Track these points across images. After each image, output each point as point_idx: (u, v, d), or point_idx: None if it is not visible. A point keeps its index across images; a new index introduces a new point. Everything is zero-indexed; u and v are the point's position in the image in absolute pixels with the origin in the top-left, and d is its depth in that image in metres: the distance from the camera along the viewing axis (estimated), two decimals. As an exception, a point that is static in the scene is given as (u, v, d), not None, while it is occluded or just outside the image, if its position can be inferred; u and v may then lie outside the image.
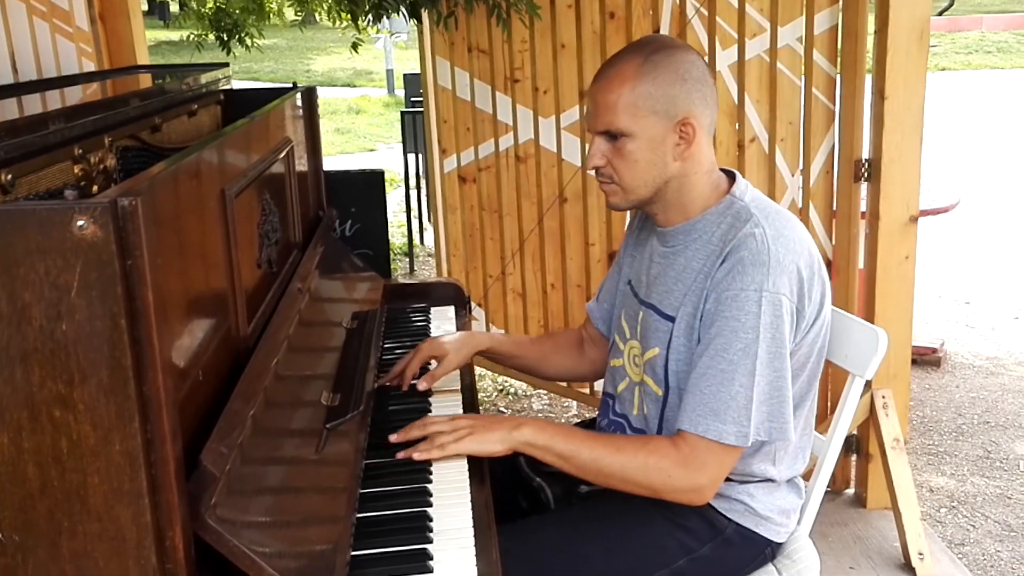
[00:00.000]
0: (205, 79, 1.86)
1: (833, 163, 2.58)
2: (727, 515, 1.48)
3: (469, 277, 3.61)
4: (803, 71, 2.60)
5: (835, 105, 2.56)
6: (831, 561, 2.42)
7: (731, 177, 1.52)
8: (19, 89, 1.66)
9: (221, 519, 0.93)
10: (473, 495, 1.34)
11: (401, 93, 12.92)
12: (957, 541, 2.69)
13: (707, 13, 2.73)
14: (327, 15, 4.88)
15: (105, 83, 1.85)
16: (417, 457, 1.41)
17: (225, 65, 2.06)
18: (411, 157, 5.94)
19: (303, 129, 2.01)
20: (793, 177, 2.67)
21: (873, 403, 2.49)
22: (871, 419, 2.52)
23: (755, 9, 2.63)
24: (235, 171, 1.31)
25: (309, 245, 1.82)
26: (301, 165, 1.93)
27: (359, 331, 1.75)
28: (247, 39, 5.09)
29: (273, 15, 5.33)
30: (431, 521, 1.26)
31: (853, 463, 2.75)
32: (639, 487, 1.41)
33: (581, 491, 1.57)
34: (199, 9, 5.14)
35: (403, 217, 6.15)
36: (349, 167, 3.11)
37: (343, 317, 1.78)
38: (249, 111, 1.60)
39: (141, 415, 0.83)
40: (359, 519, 1.26)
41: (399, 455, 1.43)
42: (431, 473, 1.40)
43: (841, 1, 2.49)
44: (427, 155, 3.84)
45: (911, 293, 2.50)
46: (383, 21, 3.59)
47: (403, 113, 6.08)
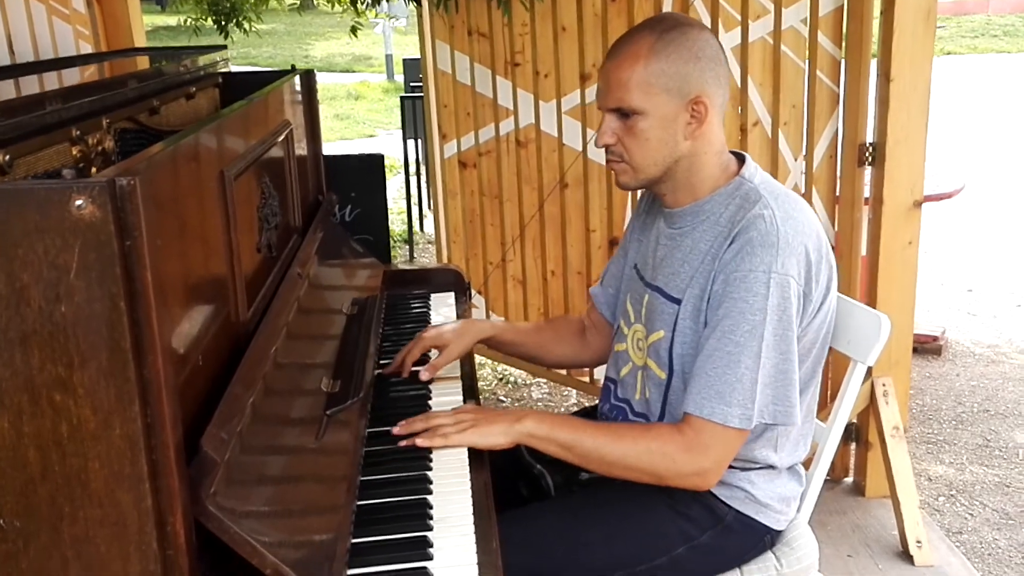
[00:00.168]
0: (203, 62, 1.84)
1: (837, 147, 2.56)
2: (727, 502, 1.48)
3: (469, 264, 3.60)
4: (807, 54, 2.57)
5: (839, 88, 2.53)
6: (829, 549, 2.42)
7: (740, 160, 1.51)
8: (16, 71, 1.64)
9: (222, 506, 0.92)
10: (473, 483, 1.33)
11: (400, 79, 12.87)
12: (955, 529, 2.69)
13: (710, -4, 2.71)
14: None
15: (103, 65, 1.83)
16: (420, 443, 1.41)
17: (223, 48, 2.04)
18: (411, 143, 5.91)
19: (302, 113, 1.99)
20: (796, 161, 2.65)
21: (873, 391, 2.48)
22: (871, 407, 2.51)
23: (758, -8, 2.61)
24: (234, 153, 1.30)
25: (308, 230, 1.81)
26: (300, 149, 1.92)
27: (359, 317, 1.74)
28: (245, 23, 5.06)
29: (271, 0, 5.29)
30: (431, 509, 1.26)
31: (852, 451, 2.74)
32: (643, 473, 1.41)
33: (582, 478, 1.56)
34: (196, -8, 5.09)
35: (403, 204, 6.13)
36: (336, 154, 3.09)
37: (343, 303, 1.77)
38: (247, 94, 1.58)
39: (141, 399, 0.82)
40: (359, 506, 1.25)
41: (402, 443, 1.42)
42: (431, 461, 1.39)
43: (846, -16, 2.47)
44: (427, 140, 3.81)
45: (914, 279, 2.48)
46: (382, 5, 3.56)
47: (403, 98, 6.05)
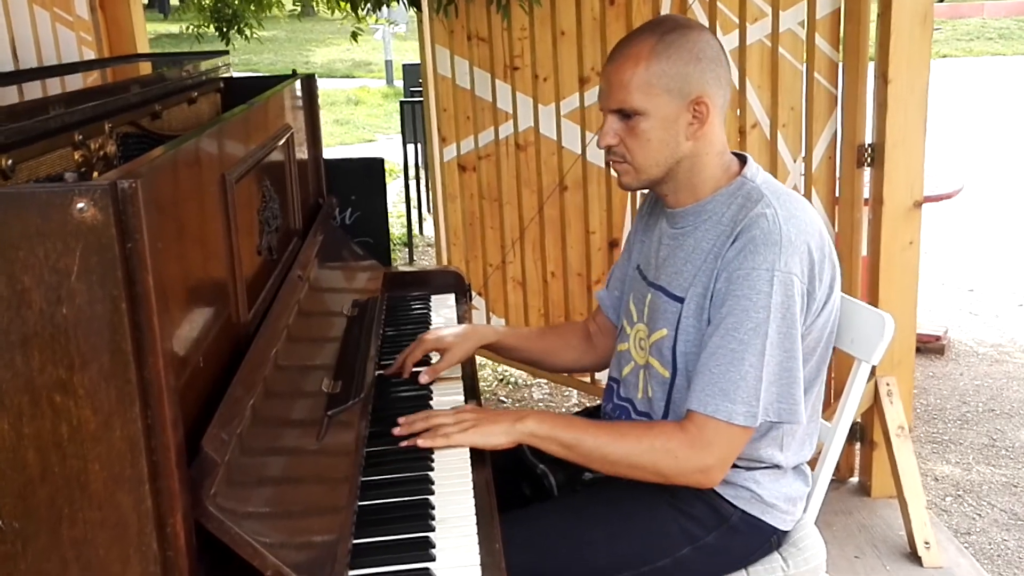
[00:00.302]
0: (205, 67, 1.85)
1: (836, 148, 2.57)
2: (733, 502, 1.48)
3: (469, 266, 3.60)
4: (805, 56, 2.58)
5: (837, 90, 2.54)
6: (835, 550, 2.41)
7: (742, 160, 1.52)
8: (19, 77, 1.65)
9: (222, 507, 0.92)
10: (475, 482, 1.33)
11: (400, 84, 12.88)
12: (963, 530, 2.68)
13: (708, -1, 2.71)
14: (326, 5, 4.87)
15: (105, 71, 1.84)
16: (421, 444, 1.41)
17: (225, 53, 2.05)
18: (410, 147, 5.92)
19: (303, 117, 2.00)
20: (795, 163, 2.66)
21: (877, 390, 2.48)
22: (875, 407, 2.51)
23: (756, -6, 2.61)
24: (236, 157, 1.30)
25: (309, 233, 1.81)
26: (301, 153, 1.92)
27: (359, 319, 1.74)
28: (246, 30, 5.09)
29: (272, 7, 5.30)
30: (433, 509, 1.26)
31: (857, 451, 2.73)
32: (646, 472, 1.40)
33: (585, 478, 1.56)
34: (199, 0, 5.12)
35: (402, 207, 6.14)
36: (336, 157, 3.09)
37: (343, 305, 1.78)
38: (247, 98, 1.59)
39: (142, 400, 0.82)
40: (360, 507, 1.25)
41: (403, 443, 1.42)
42: (433, 461, 1.39)
43: (843, -15, 2.48)
44: (427, 144, 3.82)
45: (915, 279, 2.48)
46: (382, 10, 3.57)
47: (402, 103, 6.06)
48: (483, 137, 3.42)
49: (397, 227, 6.23)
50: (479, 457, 1.40)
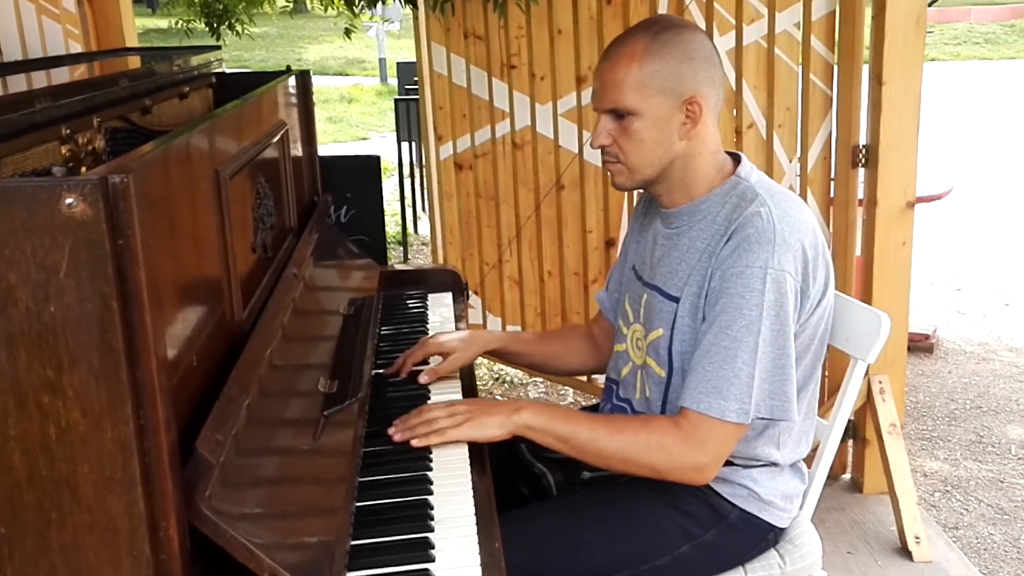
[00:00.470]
0: (196, 61, 1.82)
1: (831, 149, 2.56)
2: (730, 500, 1.47)
3: (465, 265, 3.59)
4: (800, 57, 2.57)
5: (832, 91, 2.54)
6: (828, 546, 2.39)
7: (736, 159, 1.51)
8: (3, 70, 1.62)
9: (217, 509, 0.90)
10: (474, 482, 1.31)
11: (394, 82, 12.85)
12: (951, 525, 2.69)
13: (704, -2, 2.70)
14: (319, 1, 4.84)
15: (92, 65, 1.81)
16: (416, 443, 1.39)
17: (217, 48, 2.03)
18: (405, 145, 5.90)
19: (297, 113, 1.98)
20: (791, 163, 2.65)
21: (870, 388, 2.48)
22: (868, 404, 2.51)
23: (753, -7, 2.60)
24: (230, 153, 1.28)
25: (304, 231, 1.79)
26: (295, 150, 1.90)
27: (356, 318, 1.72)
28: (237, 26, 5.04)
29: (264, 3, 5.27)
30: (432, 509, 1.24)
31: (850, 448, 2.73)
32: (640, 467, 1.40)
33: (583, 477, 1.55)
34: (189, -5, 5.07)
35: (396, 206, 6.12)
36: (331, 155, 3.08)
37: (339, 303, 1.76)
38: (240, 94, 1.57)
39: (133, 401, 0.80)
40: (358, 508, 1.23)
41: (397, 439, 1.41)
42: (431, 460, 1.37)
43: (839, -14, 2.47)
44: (422, 142, 3.81)
45: (908, 279, 2.48)
46: (377, 8, 3.55)
47: (397, 101, 6.04)
48: (480, 135, 3.40)
49: (391, 225, 6.20)
50: (478, 457, 1.39)
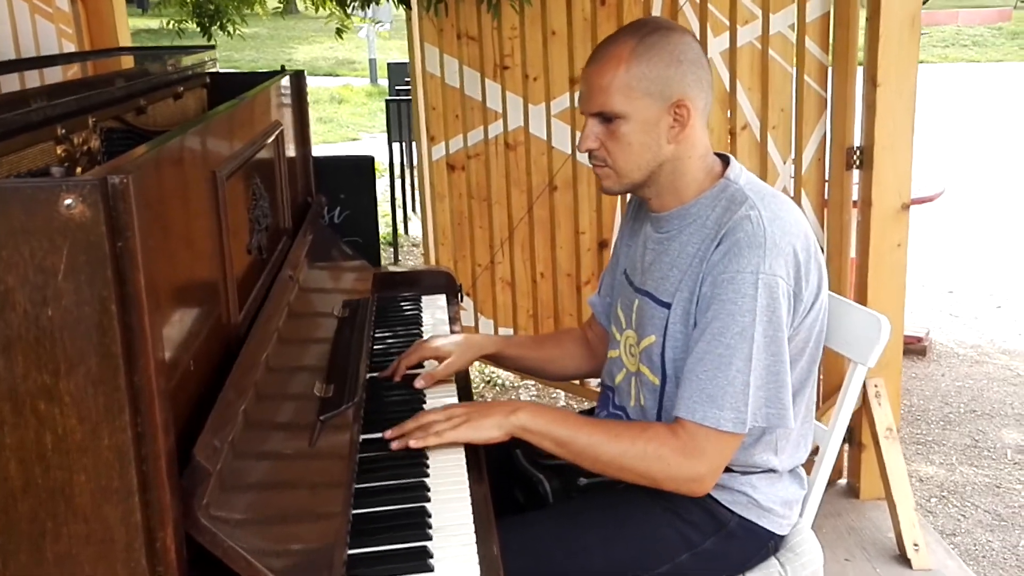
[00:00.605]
0: (191, 61, 1.80)
1: (825, 151, 2.56)
2: (730, 507, 1.45)
3: (457, 266, 3.57)
4: (795, 58, 2.57)
5: (827, 93, 2.53)
6: (825, 553, 2.34)
7: (725, 161, 1.49)
8: (-3, 69, 1.59)
9: (214, 518, 0.88)
10: (472, 489, 1.30)
11: (384, 82, 12.81)
12: (948, 531, 2.68)
13: (698, 0, 2.70)
14: (311, 1, 4.81)
15: (86, 64, 1.79)
16: (413, 445, 1.37)
17: (211, 48, 2.01)
18: (395, 146, 5.87)
19: (292, 113, 1.96)
20: (785, 165, 2.65)
21: (866, 392, 2.47)
22: (864, 408, 2.50)
23: (747, -5, 2.60)
24: (226, 153, 1.26)
25: (299, 232, 1.77)
26: (289, 150, 1.88)
27: (350, 320, 1.71)
28: (229, 26, 5.00)
29: (256, 4, 5.23)
30: (430, 517, 1.22)
31: (846, 453, 2.72)
32: (637, 475, 1.38)
33: (580, 483, 1.54)
34: (181, -5, 5.03)
35: (387, 206, 6.09)
36: (325, 155, 3.06)
37: (334, 306, 1.74)
38: (235, 95, 1.55)
39: (132, 407, 0.78)
40: (355, 515, 1.22)
41: (394, 444, 1.39)
42: (428, 467, 1.36)
43: (834, -13, 2.47)
44: (415, 143, 3.79)
45: (903, 281, 2.48)
46: (369, 8, 3.53)
47: (388, 101, 6.02)
48: (472, 136, 3.38)
49: (382, 226, 6.18)
50: (475, 463, 1.37)
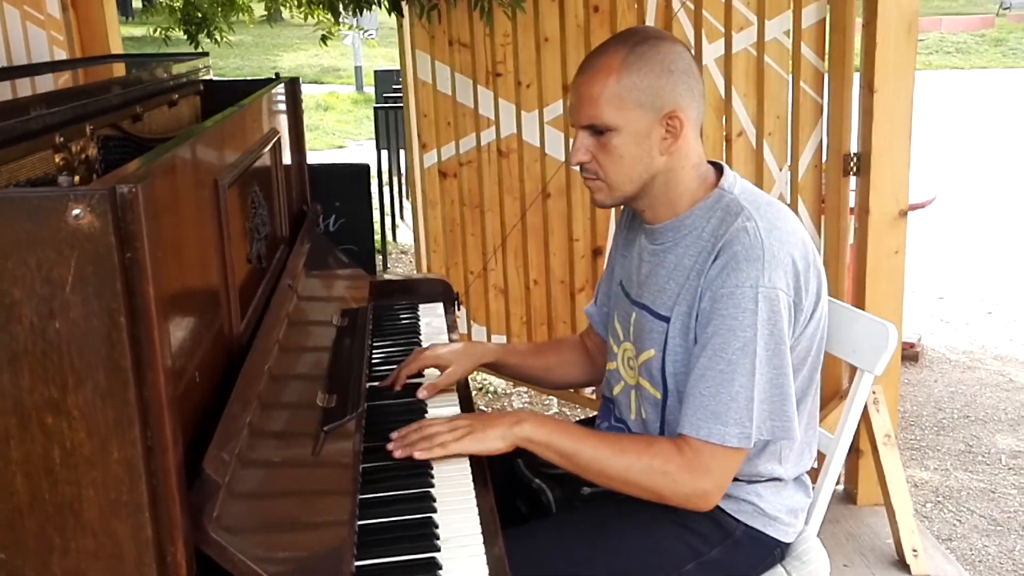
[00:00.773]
0: (185, 69, 1.79)
1: (821, 157, 2.56)
2: (735, 516, 1.44)
3: (450, 273, 3.55)
4: (791, 65, 2.57)
5: (823, 99, 2.53)
6: (824, 559, 2.39)
7: (719, 169, 1.47)
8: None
9: (224, 532, 0.87)
10: (479, 499, 1.28)
11: (369, 90, 12.79)
12: (944, 536, 2.68)
13: (693, 6, 2.69)
14: (299, 10, 4.79)
15: (77, 72, 1.77)
16: (418, 456, 1.36)
17: (204, 55, 1.99)
18: (384, 153, 5.86)
19: (287, 121, 1.94)
20: (781, 172, 2.65)
21: (864, 399, 2.46)
22: (862, 415, 2.49)
23: (742, 3, 2.60)
24: (227, 161, 1.25)
25: (296, 241, 1.76)
26: (285, 158, 1.86)
27: (349, 329, 1.69)
28: (216, 34, 4.98)
29: (241, 12, 5.22)
30: (437, 528, 1.20)
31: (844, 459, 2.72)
32: (641, 490, 1.37)
33: (583, 493, 1.52)
34: (169, 3, 5.02)
35: (375, 214, 6.07)
36: (320, 163, 3.04)
37: (332, 315, 1.72)
38: (229, 102, 1.53)
39: (141, 421, 0.77)
40: (361, 526, 1.20)
41: (397, 454, 1.37)
42: (432, 476, 1.34)
43: (830, -6, 2.47)
44: (407, 150, 3.78)
45: (901, 288, 2.48)
46: (362, 14, 3.52)
47: (376, 109, 6.00)
48: (464, 143, 3.37)
49: (370, 234, 6.16)
50: (479, 472, 1.36)
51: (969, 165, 8.74)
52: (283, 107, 1.92)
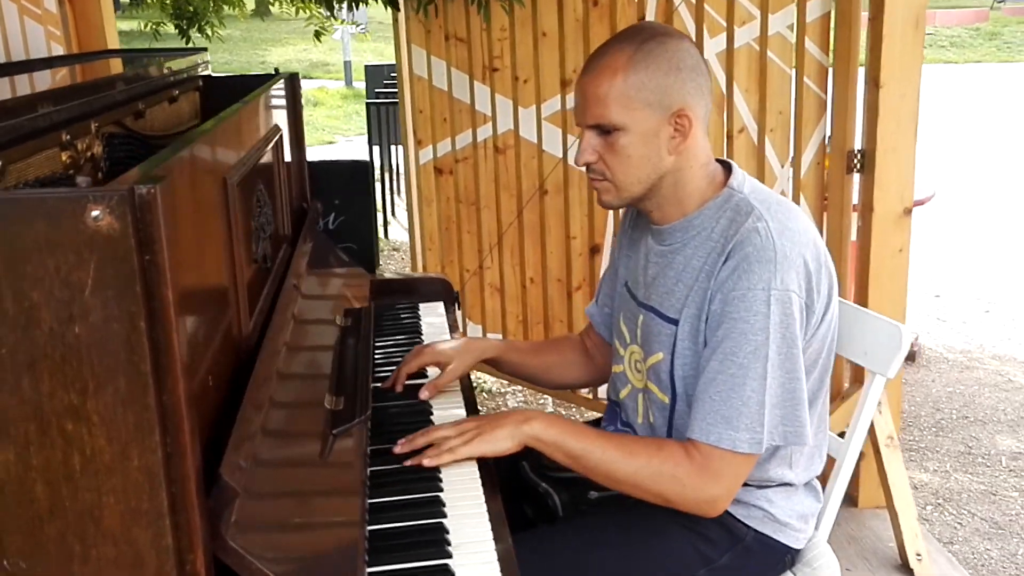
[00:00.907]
0: (185, 64, 1.76)
1: (824, 154, 2.54)
2: (745, 522, 1.43)
3: (445, 271, 3.53)
4: (794, 60, 2.55)
5: (827, 95, 2.51)
6: (827, 561, 2.38)
7: (727, 168, 1.45)
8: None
9: (241, 539, 0.85)
10: (488, 504, 1.26)
11: (358, 85, 12.72)
12: (945, 539, 2.67)
13: (694, 0, 2.68)
14: (292, 5, 4.75)
15: (74, 68, 1.74)
16: (428, 463, 1.34)
17: (203, 50, 1.96)
18: (375, 150, 5.83)
19: (287, 117, 1.92)
20: (783, 168, 2.63)
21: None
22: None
23: (743, -3, 2.58)
24: (234, 160, 1.22)
25: (298, 239, 1.73)
26: (286, 155, 1.84)
27: (354, 330, 1.67)
28: (207, 29, 4.94)
29: (233, 7, 5.18)
30: (448, 533, 1.19)
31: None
32: (650, 494, 1.35)
33: (591, 497, 1.50)
34: (161, -2, 4.97)
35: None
36: (320, 160, 3.02)
37: (336, 315, 1.70)
38: (227, 98, 1.51)
39: (161, 426, 0.75)
40: (372, 532, 1.18)
41: (407, 462, 1.35)
42: (441, 480, 1.32)
43: (833, -11, 2.46)
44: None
45: (905, 286, 2.47)
46: (357, 8, 3.49)
47: (368, 104, 5.97)
48: (460, 139, 3.35)
49: (362, 231, 6.13)
50: (487, 475, 1.34)
51: (964, 161, 8.74)
52: (284, 104, 1.89)
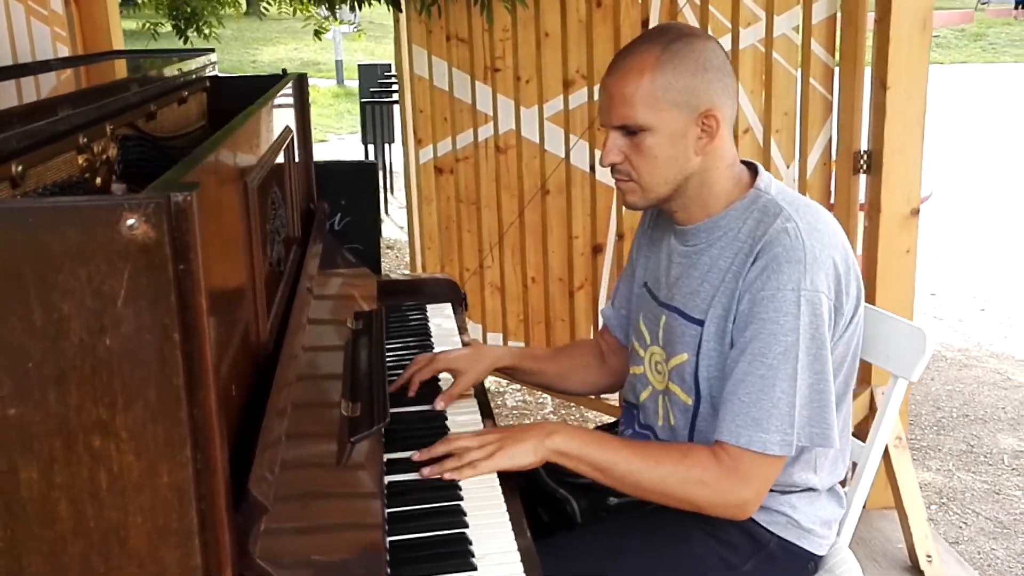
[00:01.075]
0: (195, 65, 1.73)
1: (831, 155, 2.53)
2: (769, 528, 1.41)
3: (445, 270, 3.51)
4: (799, 61, 2.54)
5: (833, 96, 2.51)
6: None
7: (752, 169, 1.44)
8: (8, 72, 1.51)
9: (268, 557, 0.82)
10: (511, 513, 1.24)
11: (350, 83, 12.68)
12: (951, 539, 2.66)
13: (699, 1, 2.66)
14: (289, 5, 4.73)
15: (79, 70, 1.71)
16: (448, 477, 1.31)
17: (211, 51, 1.93)
18: (370, 148, 5.80)
19: (295, 118, 1.89)
20: (788, 169, 2.62)
21: (873, 400, 2.45)
22: (871, 417, 2.48)
23: (749, -2, 2.57)
24: (252, 162, 1.20)
25: (307, 241, 1.71)
26: (296, 156, 1.81)
27: (366, 333, 1.64)
28: (205, 28, 4.92)
29: (230, 6, 5.15)
30: (471, 545, 1.16)
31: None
32: (678, 501, 1.33)
33: (610, 503, 1.49)
34: (159, -3, 4.94)
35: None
36: (326, 160, 2.99)
37: (347, 318, 1.68)
38: (234, 99, 1.48)
39: (192, 442, 0.72)
40: (392, 543, 1.16)
41: (426, 473, 1.33)
42: (461, 490, 1.30)
43: (840, -10, 2.45)
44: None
45: (912, 287, 2.46)
46: (360, 9, 3.47)
47: (363, 103, 5.94)
48: (461, 139, 3.33)
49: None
50: (508, 484, 1.32)
51: (956, 160, 8.76)
52: (292, 104, 1.87)
